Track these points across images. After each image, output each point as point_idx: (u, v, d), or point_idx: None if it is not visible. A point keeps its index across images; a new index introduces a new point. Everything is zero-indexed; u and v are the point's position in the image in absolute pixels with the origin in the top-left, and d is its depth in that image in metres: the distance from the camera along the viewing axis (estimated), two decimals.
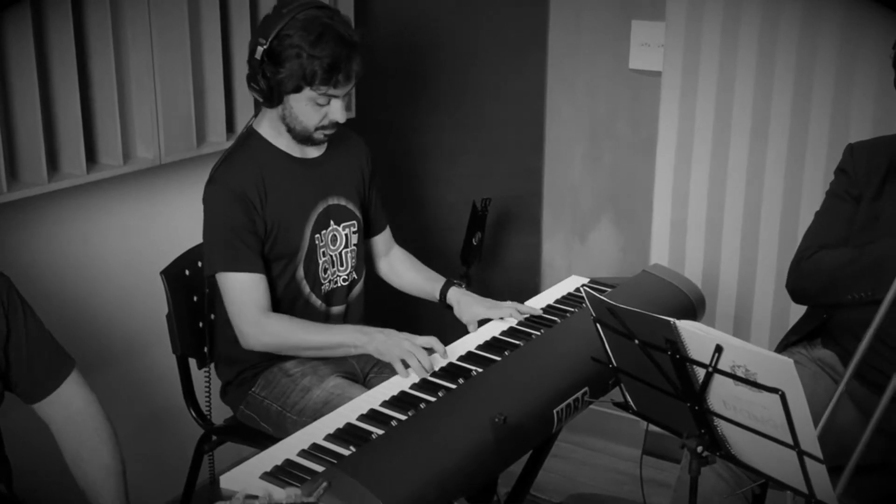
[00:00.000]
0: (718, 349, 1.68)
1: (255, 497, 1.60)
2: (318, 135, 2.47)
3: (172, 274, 2.59)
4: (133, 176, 2.83)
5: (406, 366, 2.28)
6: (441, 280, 2.73)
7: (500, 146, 3.65)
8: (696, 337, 1.72)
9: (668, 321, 1.73)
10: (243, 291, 2.41)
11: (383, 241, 2.81)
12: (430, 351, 2.33)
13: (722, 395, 1.75)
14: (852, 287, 2.33)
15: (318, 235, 2.53)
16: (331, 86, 2.36)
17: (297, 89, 2.37)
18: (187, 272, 2.63)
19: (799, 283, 2.48)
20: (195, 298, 2.64)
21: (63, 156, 2.60)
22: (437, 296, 2.71)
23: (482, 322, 2.57)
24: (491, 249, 3.70)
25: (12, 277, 1.98)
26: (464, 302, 2.64)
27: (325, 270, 2.56)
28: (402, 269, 2.81)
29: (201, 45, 2.90)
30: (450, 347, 2.42)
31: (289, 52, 2.33)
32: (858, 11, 2.88)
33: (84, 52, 2.61)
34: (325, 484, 1.61)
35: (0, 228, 2.56)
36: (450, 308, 2.68)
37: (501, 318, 2.56)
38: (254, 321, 2.42)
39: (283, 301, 2.52)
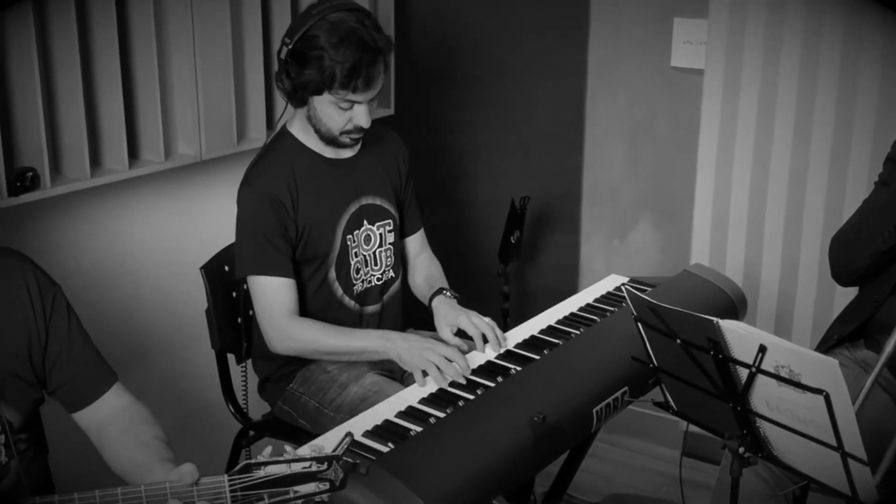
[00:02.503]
0: (762, 349, 1.66)
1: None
2: (344, 138, 2.44)
3: (212, 270, 2.60)
4: (174, 172, 2.85)
5: (425, 374, 2.26)
6: (433, 289, 2.62)
7: (539, 144, 3.63)
8: (740, 337, 1.70)
9: (711, 321, 1.72)
10: (272, 295, 2.41)
11: (413, 244, 2.75)
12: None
13: (765, 396, 1.73)
14: (873, 237, 2.33)
15: (350, 236, 2.52)
16: (350, 90, 2.32)
17: (318, 91, 2.35)
18: (227, 268, 2.64)
19: (830, 260, 2.49)
20: (234, 294, 2.65)
21: (106, 152, 2.62)
22: (427, 303, 2.62)
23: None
24: (529, 248, 3.70)
25: (54, 270, 1.99)
26: (439, 312, 2.53)
27: (358, 271, 2.55)
28: (416, 273, 2.74)
29: (243, 43, 2.91)
30: (488, 346, 2.41)
31: (312, 53, 2.30)
32: None
33: (127, 49, 2.63)
34: (348, 439, 1.61)
35: (43, 222, 2.59)
36: None
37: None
38: (279, 325, 2.41)
39: (317, 303, 2.52)
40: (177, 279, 2.93)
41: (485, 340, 2.41)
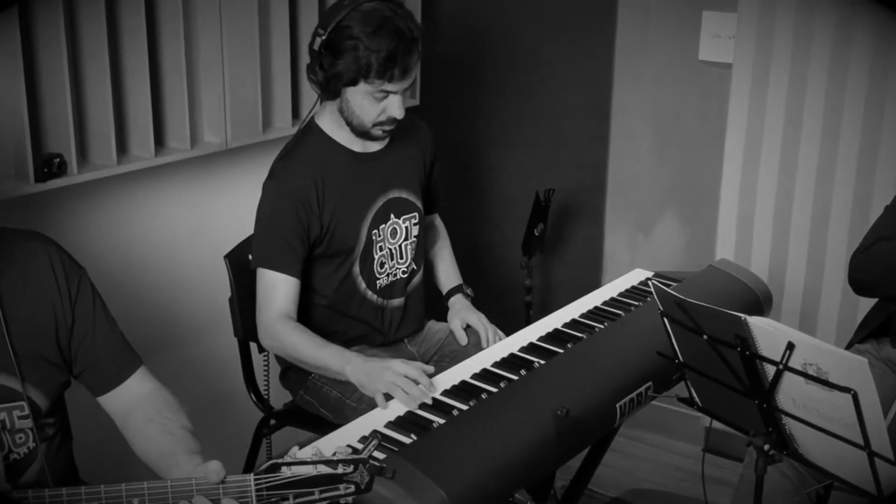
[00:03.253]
0: (790, 346, 1.65)
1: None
2: (377, 130, 2.42)
3: (236, 258, 2.60)
4: (200, 160, 2.85)
5: (388, 398, 2.16)
6: (452, 284, 2.71)
7: (564, 137, 3.62)
8: (768, 334, 1.69)
9: (740, 317, 1.71)
10: (271, 290, 2.40)
11: (428, 221, 2.78)
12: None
13: (791, 394, 1.72)
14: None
15: (375, 231, 2.51)
16: (386, 80, 2.31)
17: (353, 82, 2.33)
18: (250, 257, 2.64)
19: (855, 275, 2.45)
20: None
21: (132, 139, 2.63)
22: (444, 294, 2.74)
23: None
24: (553, 241, 3.69)
25: (80, 257, 1.99)
26: (454, 308, 2.65)
27: (382, 265, 2.54)
28: (432, 253, 2.79)
29: (269, 32, 2.91)
30: (511, 339, 2.42)
31: (346, 43, 2.29)
32: None
33: (155, 37, 2.63)
34: (375, 441, 1.62)
35: (70, 209, 2.60)
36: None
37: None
38: (268, 323, 2.41)
39: (340, 297, 2.51)
40: (200, 267, 2.93)
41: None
